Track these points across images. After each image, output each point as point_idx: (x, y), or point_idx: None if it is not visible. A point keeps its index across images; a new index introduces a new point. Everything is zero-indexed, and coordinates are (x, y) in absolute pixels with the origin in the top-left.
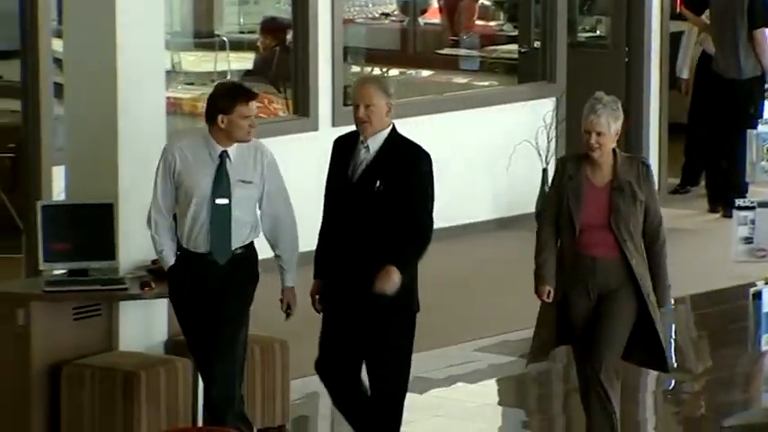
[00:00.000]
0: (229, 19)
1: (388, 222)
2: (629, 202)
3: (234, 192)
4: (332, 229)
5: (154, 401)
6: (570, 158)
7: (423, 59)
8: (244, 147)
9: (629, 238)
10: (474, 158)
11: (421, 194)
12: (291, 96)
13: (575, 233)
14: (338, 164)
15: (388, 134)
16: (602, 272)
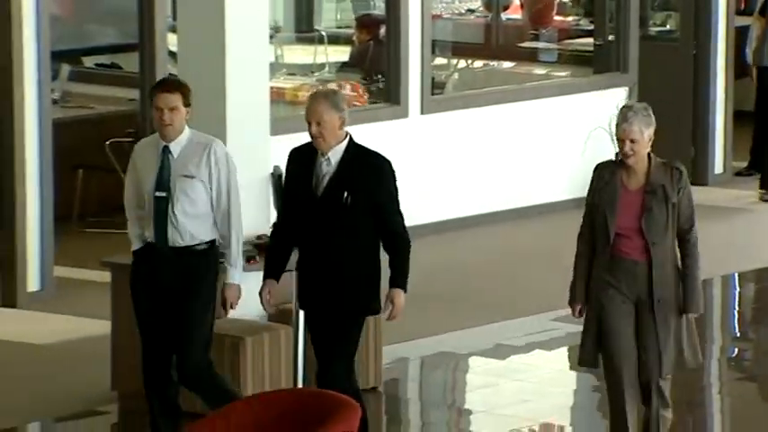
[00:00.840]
0: (327, 15)
1: (357, 231)
2: (661, 205)
3: (176, 185)
4: (291, 237)
5: (258, 364)
6: (605, 165)
7: (504, 52)
8: (195, 143)
9: (659, 240)
10: (552, 143)
11: (389, 201)
12: (382, 86)
13: (609, 237)
14: (298, 176)
15: (346, 145)
16: (634, 274)
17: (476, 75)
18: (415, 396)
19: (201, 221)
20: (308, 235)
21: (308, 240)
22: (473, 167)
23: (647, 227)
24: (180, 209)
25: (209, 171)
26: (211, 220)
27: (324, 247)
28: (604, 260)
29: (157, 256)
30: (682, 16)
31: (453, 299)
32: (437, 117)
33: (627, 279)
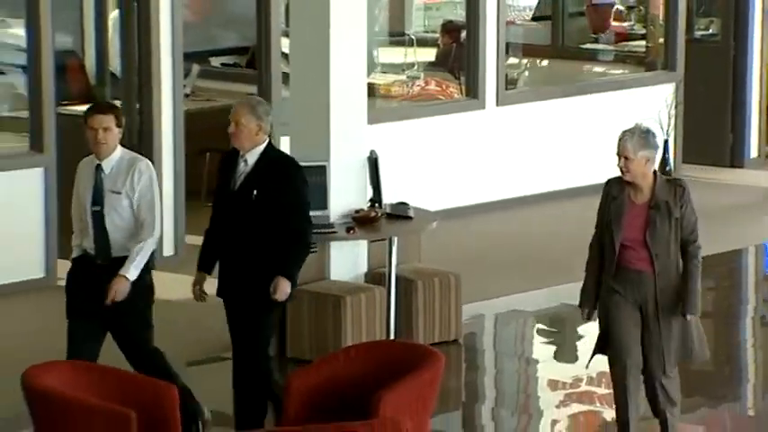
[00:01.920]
0: (417, 21)
1: (263, 226)
2: (664, 219)
3: (105, 200)
4: (219, 231)
5: (356, 320)
6: (614, 181)
7: (568, 53)
8: (124, 161)
9: (662, 252)
10: (608, 131)
11: (294, 201)
12: (463, 82)
13: (615, 248)
14: (223, 175)
15: (263, 149)
16: (638, 283)
17: (543, 72)
18: (489, 347)
19: (130, 234)
20: (226, 228)
21: (226, 233)
22: (540, 152)
23: (651, 240)
24: (110, 222)
25: (132, 186)
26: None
27: (236, 239)
28: (611, 269)
29: (94, 266)
30: (722, 21)
31: (522, 264)
32: (510, 109)
33: (632, 287)
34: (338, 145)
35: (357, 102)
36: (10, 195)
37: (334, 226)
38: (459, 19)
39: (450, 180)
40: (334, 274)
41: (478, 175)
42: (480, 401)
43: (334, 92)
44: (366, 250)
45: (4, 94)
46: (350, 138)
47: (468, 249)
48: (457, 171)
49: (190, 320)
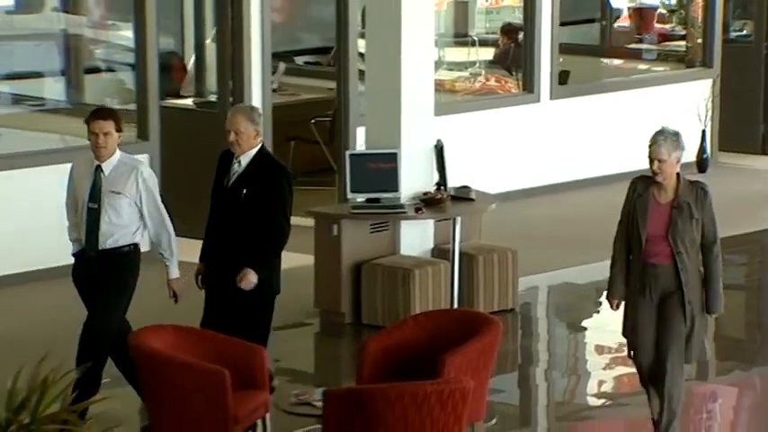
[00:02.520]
0: (478, 24)
1: (251, 221)
2: (686, 220)
3: (104, 199)
4: (214, 224)
5: (424, 291)
6: (640, 180)
7: (616, 52)
8: (123, 164)
9: (683, 250)
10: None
11: (277, 200)
12: (521, 78)
13: (641, 243)
14: (219, 174)
15: (256, 152)
16: (660, 277)
17: (592, 69)
18: (542, 315)
19: (124, 230)
20: (217, 222)
21: (216, 226)
22: (589, 141)
23: (673, 237)
24: (106, 218)
25: (136, 189)
26: (134, 228)
27: (225, 234)
28: (637, 262)
29: (87, 257)
30: (755, 23)
31: (572, 241)
32: (562, 102)
33: (654, 280)
34: (408, 134)
35: (425, 96)
36: None
37: (404, 207)
38: (517, 21)
39: (508, 166)
40: (404, 250)
41: (533, 161)
42: (534, 364)
43: (405, 87)
44: (432, 228)
45: (114, 89)
46: (418, 128)
47: (523, 228)
48: (514, 158)
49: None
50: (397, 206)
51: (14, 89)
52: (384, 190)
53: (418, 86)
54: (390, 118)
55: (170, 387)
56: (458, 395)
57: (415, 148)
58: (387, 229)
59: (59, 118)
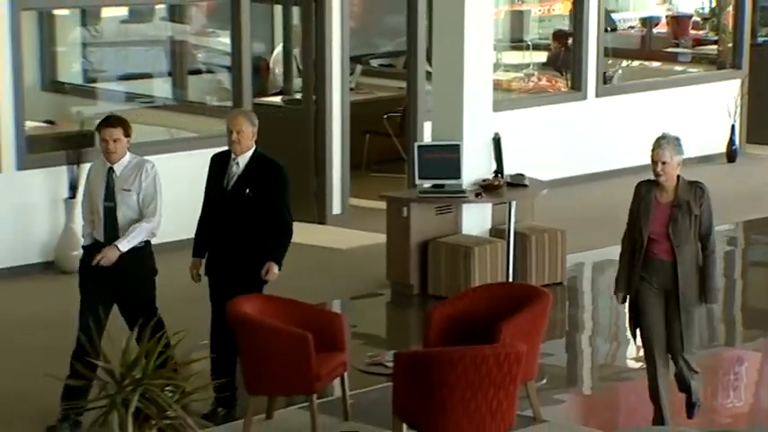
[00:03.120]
0: (532, 30)
1: (255, 219)
2: (685, 217)
3: (117, 197)
4: (212, 224)
5: (482, 265)
6: (644, 183)
7: (654, 55)
8: (131, 164)
9: (683, 243)
10: (686, 116)
11: (280, 197)
12: (570, 78)
13: (644, 240)
14: (215, 175)
15: (252, 154)
16: (661, 271)
17: (633, 71)
18: (588, 288)
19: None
20: (219, 221)
21: (219, 225)
22: (630, 134)
23: (673, 233)
24: (122, 215)
25: (140, 185)
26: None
27: (230, 230)
28: (640, 259)
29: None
30: None
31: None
32: (607, 99)
33: (657, 274)
34: (469, 128)
35: (484, 94)
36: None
37: (465, 192)
38: (566, 28)
39: (558, 156)
40: (465, 230)
41: (580, 152)
42: (579, 331)
43: (467, 86)
44: (490, 211)
45: (213, 88)
46: (478, 122)
47: (571, 211)
48: (563, 149)
49: (354, 265)
50: (459, 191)
51: (128, 88)
52: (448, 177)
53: (478, 86)
54: (454, 113)
55: (261, 348)
56: (512, 358)
57: (475, 140)
58: (450, 212)
59: (166, 113)
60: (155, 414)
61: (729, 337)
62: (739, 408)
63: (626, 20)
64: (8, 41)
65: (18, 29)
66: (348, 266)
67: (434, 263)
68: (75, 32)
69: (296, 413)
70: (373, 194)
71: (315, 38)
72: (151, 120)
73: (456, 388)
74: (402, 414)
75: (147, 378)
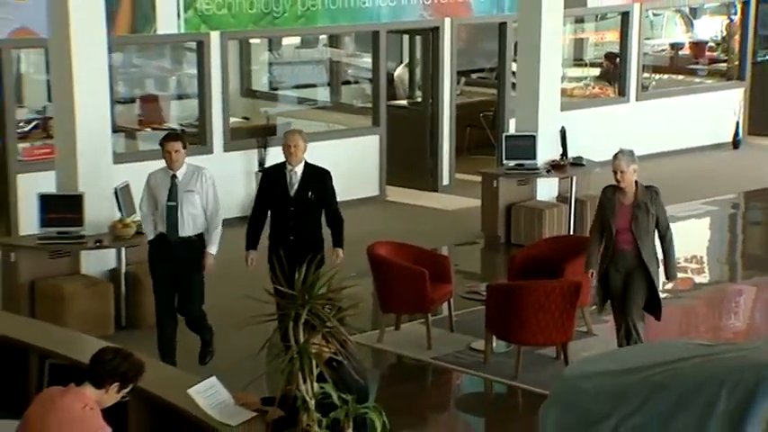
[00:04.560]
0: (590, 52)
1: (315, 213)
2: (644, 215)
3: (181, 197)
4: (277, 222)
5: (551, 223)
6: (609, 188)
7: (679, 70)
8: (189, 170)
9: (643, 235)
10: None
11: (332, 195)
12: (616, 86)
13: (612, 234)
14: (274, 184)
15: (304, 164)
16: (626, 258)
17: (664, 81)
18: None
19: (196, 220)
20: (283, 218)
21: (283, 222)
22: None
23: (635, 228)
24: (185, 212)
25: (202, 187)
26: (202, 219)
27: (296, 225)
28: (609, 248)
29: (169, 243)
30: None
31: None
32: (644, 102)
33: (621, 261)
34: (543, 123)
35: (554, 98)
36: (362, 149)
37: (539, 169)
38: (615, 50)
39: (607, 143)
40: (539, 197)
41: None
42: None
43: (542, 93)
44: (557, 183)
45: (360, 94)
46: (549, 119)
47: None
48: (611, 138)
49: (457, 222)
50: (534, 169)
51: (298, 95)
52: (526, 158)
53: (550, 92)
54: (531, 112)
55: (392, 279)
56: (573, 289)
57: (546, 131)
58: (528, 183)
59: (325, 112)
60: (318, 324)
61: (732, 275)
62: (738, 327)
63: (659, 44)
64: (218, 62)
65: (225, 53)
66: (453, 222)
67: (516, 220)
68: (263, 55)
69: (415, 326)
70: (472, 171)
71: (431, 58)
72: (314, 117)
73: (531, 309)
74: (491, 327)
75: (313, 299)
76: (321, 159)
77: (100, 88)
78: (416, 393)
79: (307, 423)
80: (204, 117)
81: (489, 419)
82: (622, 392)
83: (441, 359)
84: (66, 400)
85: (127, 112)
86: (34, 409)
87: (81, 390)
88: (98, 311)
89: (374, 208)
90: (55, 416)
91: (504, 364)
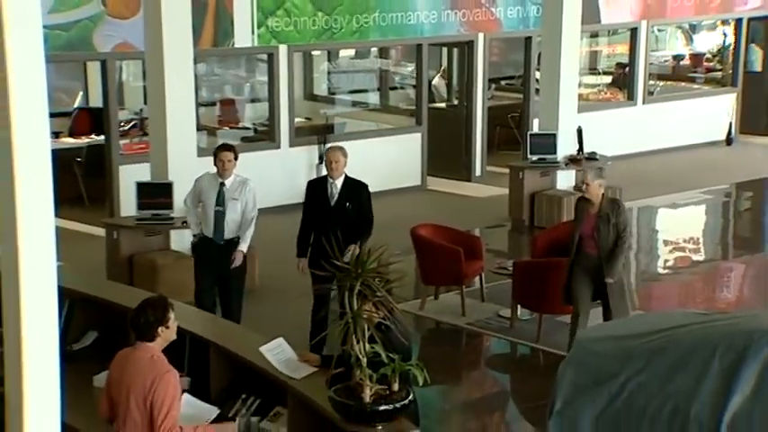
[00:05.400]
0: (602, 62)
1: (352, 223)
2: (606, 224)
3: (226, 204)
4: (318, 229)
5: (568, 209)
6: (581, 200)
7: (680, 77)
8: (237, 180)
9: (604, 242)
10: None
11: (368, 204)
12: (626, 91)
13: (581, 240)
14: (317, 195)
15: (344, 177)
16: (589, 261)
17: (667, 87)
18: (634, 222)
19: (237, 224)
20: (324, 226)
21: (324, 229)
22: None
23: (598, 236)
24: (228, 217)
25: (245, 196)
26: (240, 222)
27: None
28: (577, 252)
29: (214, 244)
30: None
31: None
32: (650, 106)
33: (587, 263)
34: (562, 123)
35: (572, 101)
36: (406, 146)
37: (558, 162)
38: (625, 61)
39: (618, 140)
40: (559, 186)
41: (632, 137)
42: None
43: (561, 97)
44: (574, 175)
45: (405, 98)
46: (568, 119)
47: (627, 175)
48: (621, 135)
49: (488, 207)
50: (554, 162)
51: (352, 98)
52: (548, 153)
53: (568, 96)
54: (552, 114)
55: (432, 256)
56: None
57: (565, 130)
58: (549, 175)
59: (375, 114)
60: (369, 294)
61: (725, 254)
62: (729, 299)
63: (663, 56)
64: (285, 70)
65: (291, 63)
66: (484, 208)
67: (538, 206)
68: (323, 64)
69: (452, 296)
70: (501, 164)
71: (467, 67)
72: (366, 118)
73: (551, 283)
74: (517, 298)
75: (365, 272)
76: (372, 154)
77: (186, 93)
78: (452, 353)
79: (359, 378)
80: (273, 117)
81: (514, 377)
82: (629, 355)
83: (473, 324)
84: (137, 353)
85: (208, 113)
86: (114, 363)
87: (145, 344)
88: (183, 281)
89: (416, 196)
90: (130, 367)
91: (528, 330)
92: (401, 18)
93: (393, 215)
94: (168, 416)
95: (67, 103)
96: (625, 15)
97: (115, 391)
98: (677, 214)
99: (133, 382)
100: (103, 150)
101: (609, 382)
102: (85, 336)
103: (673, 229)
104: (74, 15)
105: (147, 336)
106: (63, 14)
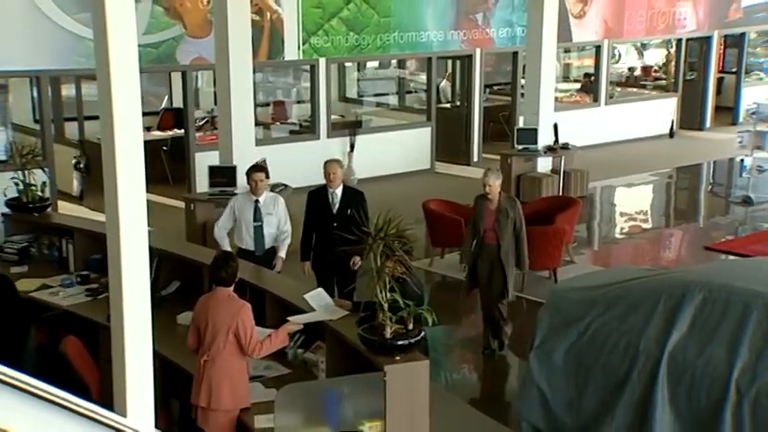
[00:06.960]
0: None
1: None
2: (504, 218)
3: (263, 219)
4: (320, 234)
5: (548, 187)
6: (479, 197)
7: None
8: (269, 197)
9: (503, 235)
10: (649, 115)
11: (366, 213)
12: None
13: (480, 232)
14: (319, 204)
15: (343, 186)
16: (491, 251)
17: (624, 92)
18: (598, 200)
19: (273, 236)
20: (327, 232)
21: (326, 235)
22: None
23: (497, 228)
24: (266, 231)
25: (277, 211)
26: (275, 234)
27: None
28: (478, 244)
29: (253, 256)
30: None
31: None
32: (611, 107)
33: (487, 252)
34: (542, 119)
35: (549, 103)
36: (419, 137)
37: (539, 151)
38: (591, 71)
39: (585, 133)
40: (539, 170)
41: (596, 131)
42: (594, 219)
43: (542, 100)
44: (551, 160)
45: (417, 100)
46: (546, 117)
47: (592, 161)
48: (587, 129)
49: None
50: (536, 151)
51: (376, 100)
52: (531, 143)
53: (546, 99)
54: (534, 112)
55: (439, 224)
56: (561, 233)
57: (545, 125)
58: (531, 160)
59: (394, 112)
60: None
61: (667, 223)
62: (670, 258)
63: (620, 67)
64: (323, 78)
65: (328, 72)
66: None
67: (523, 185)
68: (353, 73)
69: (454, 256)
70: (494, 152)
71: (467, 76)
72: (386, 115)
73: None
74: None
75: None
76: (391, 144)
77: (247, 96)
78: (455, 301)
79: (382, 319)
80: (314, 115)
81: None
82: (593, 301)
83: None
84: (217, 294)
85: (263, 112)
86: (199, 303)
87: (222, 288)
88: None
89: (426, 177)
90: (212, 306)
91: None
92: (415, 37)
93: (408, 192)
94: (252, 337)
95: (156, 104)
96: (591, 35)
97: (202, 326)
98: (631, 192)
99: (217, 317)
100: (183, 141)
101: (577, 323)
102: (170, 284)
103: (627, 203)
104: (161, 36)
105: (226, 282)
106: (153, 35)
